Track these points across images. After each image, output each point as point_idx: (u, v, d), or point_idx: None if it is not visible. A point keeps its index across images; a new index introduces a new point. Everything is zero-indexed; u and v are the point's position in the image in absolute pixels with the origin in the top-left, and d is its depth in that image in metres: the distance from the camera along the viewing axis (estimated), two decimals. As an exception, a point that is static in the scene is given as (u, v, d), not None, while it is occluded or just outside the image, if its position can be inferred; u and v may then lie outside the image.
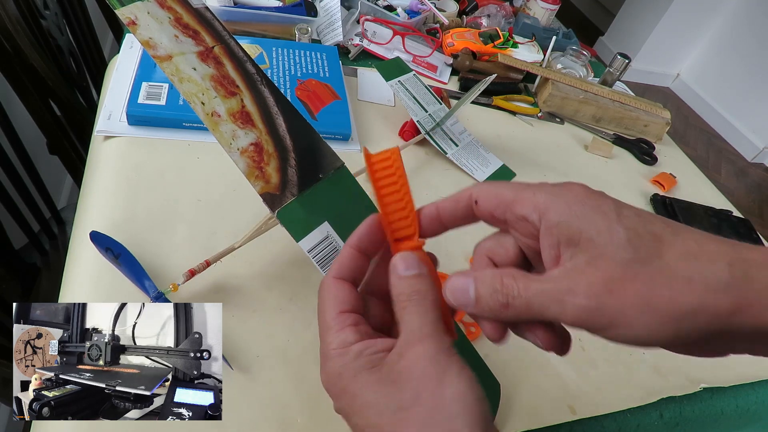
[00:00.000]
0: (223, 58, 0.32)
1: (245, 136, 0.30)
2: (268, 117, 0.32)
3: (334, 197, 0.32)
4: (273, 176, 0.29)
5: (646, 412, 0.46)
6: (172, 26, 0.31)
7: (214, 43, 0.33)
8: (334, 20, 0.77)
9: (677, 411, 0.47)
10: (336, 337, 0.25)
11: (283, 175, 0.30)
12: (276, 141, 0.31)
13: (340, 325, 0.25)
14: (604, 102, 0.81)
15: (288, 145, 0.31)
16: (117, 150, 0.53)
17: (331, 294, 0.26)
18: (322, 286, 0.27)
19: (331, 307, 0.26)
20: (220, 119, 0.30)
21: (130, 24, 0.30)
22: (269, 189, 0.29)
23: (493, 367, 0.45)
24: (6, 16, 0.65)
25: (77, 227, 0.48)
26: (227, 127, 0.30)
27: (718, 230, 0.66)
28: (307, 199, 0.30)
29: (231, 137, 0.29)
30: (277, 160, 0.30)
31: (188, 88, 0.30)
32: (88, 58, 0.97)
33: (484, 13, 0.98)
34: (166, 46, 0.30)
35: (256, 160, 0.29)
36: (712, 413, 0.48)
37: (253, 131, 0.30)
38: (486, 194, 0.25)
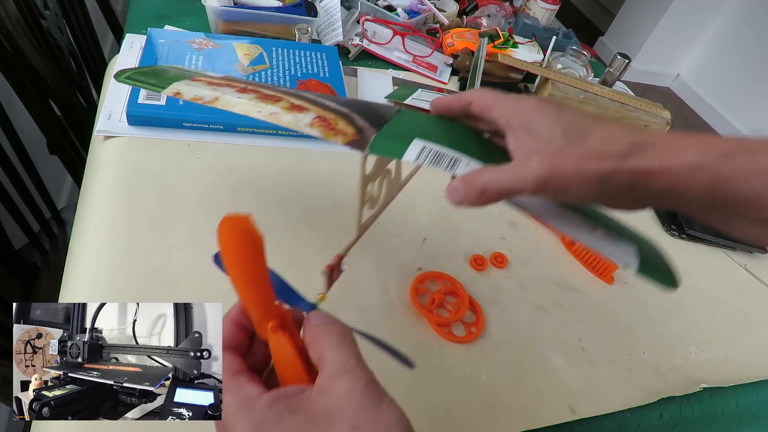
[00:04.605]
0: (257, 88, 0.38)
1: (306, 117, 0.33)
2: (317, 103, 0.35)
3: (409, 124, 0.35)
4: (347, 129, 0.32)
5: (646, 412, 0.46)
6: (208, 85, 0.39)
7: (245, 84, 0.40)
8: (334, 20, 0.77)
9: (677, 411, 0.47)
10: (239, 394, 0.24)
11: (355, 125, 0.32)
12: (334, 112, 0.34)
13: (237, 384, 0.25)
14: (604, 102, 0.81)
15: (346, 111, 0.34)
16: (117, 150, 0.53)
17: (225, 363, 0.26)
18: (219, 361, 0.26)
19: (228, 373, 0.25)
20: (278, 115, 0.33)
21: (176, 95, 0.38)
22: (349, 138, 0.31)
23: (493, 367, 0.45)
24: (6, 16, 0.65)
25: (77, 227, 0.48)
26: (288, 117, 0.33)
27: (718, 230, 0.66)
28: (386, 132, 0.32)
29: (295, 121, 0.33)
30: (344, 119, 0.33)
31: (241, 109, 0.35)
32: (88, 58, 0.97)
33: (484, 13, 0.98)
34: (208, 94, 0.37)
35: (325, 125, 0.32)
36: (712, 413, 0.48)
37: (310, 112, 0.33)
38: (477, 99, 0.34)
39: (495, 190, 0.30)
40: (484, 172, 0.30)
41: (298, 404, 0.23)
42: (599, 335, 0.50)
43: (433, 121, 0.37)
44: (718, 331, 0.55)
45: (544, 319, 0.50)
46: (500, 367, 0.45)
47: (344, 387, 0.23)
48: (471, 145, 0.34)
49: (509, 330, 0.48)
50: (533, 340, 0.48)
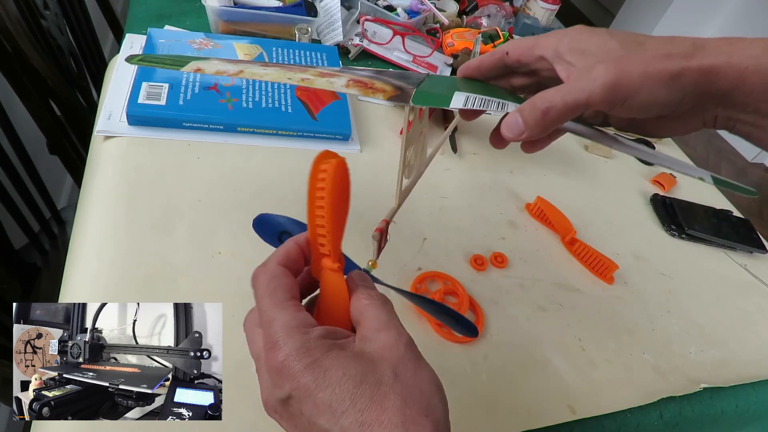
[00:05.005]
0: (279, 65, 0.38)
1: (339, 80, 0.32)
2: (347, 71, 0.35)
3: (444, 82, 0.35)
4: (385, 86, 0.32)
5: (646, 412, 0.46)
6: (228, 62, 0.38)
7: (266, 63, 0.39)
8: (334, 20, 0.77)
9: (677, 411, 0.47)
10: (296, 317, 0.24)
11: (392, 84, 0.32)
12: (367, 77, 0.34)
13: (297, 308, 0.25)
14: (604, 102, 0.81)
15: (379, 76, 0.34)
16: (117, 150, 0.53)
17: (282, 280, 0.26)
18: (266, 271, 0.26)
19: (284, 290, 0.25)
20: (311, 80, 0.33)
21: (197, 70, 0.36)
22: (390, 94, 0.31)
23: (493, 367, 0.45)
24: (6, 16, 0.65)
25: (77, 227, 0.48)
26: (321, 81, 0.32)
27: (718, 230, 0.66)
28: (426, 87, 0.32)
29: (329, 84, 0.32)
30: (379, 81, 0.33)
31: (270, 77, 0.34)
32: (88, 58, 0.97)
33: (484, 13, 0.98)
34: (232, 68, 0.36)
35: (362, 84, 0.32)
36: (712, 413, 0.48)
37: (342, 77, 0.33)
38: (514, 46, 0.33)
39: (560, 107, 0.28)
40: (545, 93, 0.29)
41: (345, 344, 0.24)
42: (599, 335, 0.50)
43: (464, 81, 0.37)
44: (718, 331, 0.55)
45: (544, 319, 0.50)
46: (500, 367, 0.45)
47: (388, 339, 0.24)
48: (508, 97, 0.34)
49: (509, 330, 0.48)
50: (533, 340, 0.48)
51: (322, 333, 0.24)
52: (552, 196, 0.61)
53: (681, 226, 0.65)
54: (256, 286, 0.26)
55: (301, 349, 0.23)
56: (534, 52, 0.32)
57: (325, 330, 0.24)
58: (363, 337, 0.24)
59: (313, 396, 0.22)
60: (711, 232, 0.65)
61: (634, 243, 0.62)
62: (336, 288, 0.27)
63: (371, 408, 0.21)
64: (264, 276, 0.26)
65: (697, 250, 0.65)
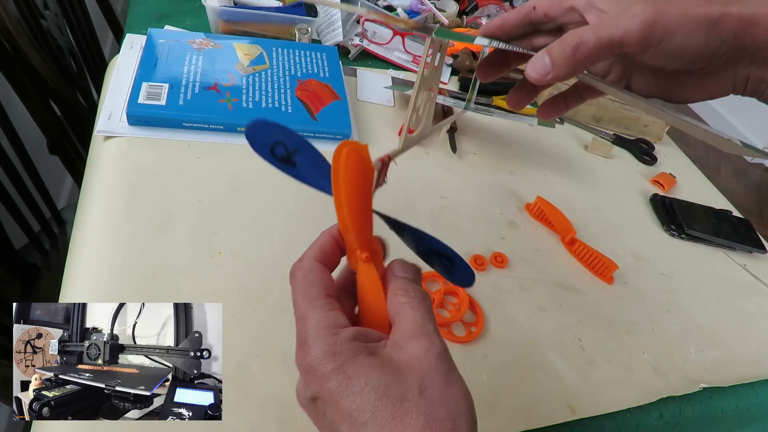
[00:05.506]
0: None
1: None
2: None
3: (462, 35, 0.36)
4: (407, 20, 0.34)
5: (646, 412, 0.46)
6: None
7: None
8: (334, 20, 0.77)
9: (677, 411, 0.47)
10: (327, 316, 0.23)
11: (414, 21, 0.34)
12: None
13: (329, 306, 0.24)
14: (604, 102, 0.81)
15: None
16: (117, 150, 0.53)
17: (317, 276, 0.25)
18: (302, 267, 0.26)
19: (318, 287, 0.25)
20: None
21: None
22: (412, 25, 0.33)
23: (493, 367, 0.45)
24: (6, 16, 0.65)
25: (77, 227, 0.48)
26: None
27: (718, 230, 0.66)
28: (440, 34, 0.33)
29: None
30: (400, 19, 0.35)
31: None
32: (88, 58, 0.97)
33: (484, 13, 0.98)
34: None
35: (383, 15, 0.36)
36: (712, 413, 0.48)
37: None
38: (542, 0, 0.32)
39: (592, 44, 0.27)
40: (576, 30, 0.28)
41: (375, 349, 0.23)
42: (599, 335, 0.50)
43: None
44: (718, 331, 0.55)
45: (544, 319, 0.50)
46: (500, 367, 0.45)
47: (419, 349, 0.23)
48: None
49: (509, 330, 0.48)
50: (533, 340, 0.48)
51: (351, 335, 0.23)
52: (552, 196, 0.61)
53: (681, 226, 0.65)
54: (292, 283, 0.25)
55: (327, 351, 0.22)
56: (564, 4, 0.31)
57: (356, 332, 0.23)
58: (394, 343, 0.23)
59: (336, 402, 0.22)
60: (711, 232, 0.65)
61: (634, 243, 0.62)
62: (369, 280, 0.26)
63: (391, 424, 0.20)
64: (299, 272, 0.25)
65: (696, 250, 0.65)
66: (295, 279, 0.25)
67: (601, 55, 0.28)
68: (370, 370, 0.22)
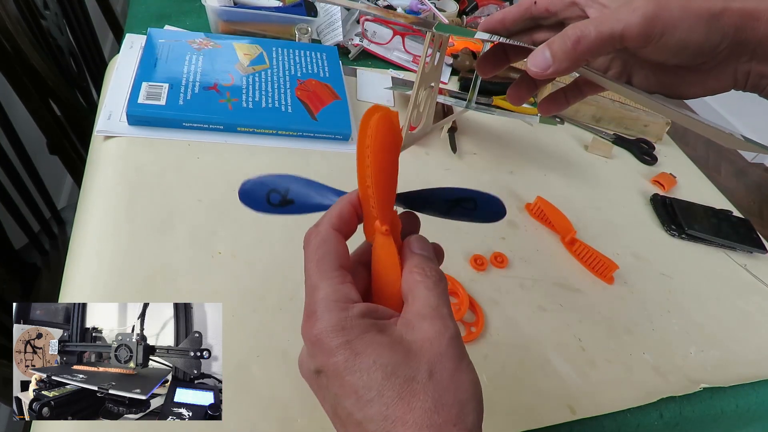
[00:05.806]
0: None
1: None
2: None
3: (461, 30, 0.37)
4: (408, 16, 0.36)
5: (646, 412, 0.46)
6: None
7: None
8: (334, 20, 0.77)
9: (677, 411, 0.47)
10: (338, 290, 0.23)
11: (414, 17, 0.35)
12: None
13: (341, 279, 0.23)
14: (604, 102, 0.81)
15: None
16: (117, 150, 0.53)
17: (331, 245, 0.24)
18: (318, 234, 0.25)
19: (332, 258, 0.24)
20: None
21: None
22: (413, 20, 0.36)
23: (493, 367, 0.45)
24: (6, 16, 0.65)
25: (77, 227, 0.48)
26: None
27: (718, 230, 0.66)
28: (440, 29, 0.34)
29: None
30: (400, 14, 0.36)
31: None
32: (88, 58, 0.97)
33: (484, 13, 0.98)
34: None
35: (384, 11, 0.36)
36: (712, 413, 0.48)
37: None
38: None
39: (593, 37, 0.27)
40: (578, 23, 0.28)
41: (385, 327, 0.23)
42: (599, 335, 0.50)
43: None
44: (718, 331, 0.55)
45: (544, 319, 0.50)
46: (500, 367, 0.45)
47: (432, 330, 0.22)
48: None
49: (509, 330, 0.48)
50: (533, 340, 0.48)
51: (362, 311, 0.22)
52: (552, 196, 0.61)
53: (681, 226, 0.65)
54: (306, 250, 0.25)
55: (337, 326, 0.22)
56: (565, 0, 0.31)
57: (366, 308, 0.23)
58: (406, 322, 0.23)
59: (341, 377, 0.21)
60: (711, 232, 0.65)
61: (634, 243, 0.62)
62: (386, 254, 0.25)
63: (398, 404, 0.20)
64: (315, 239, 0.25)
65: (697, 250, 0.65)
66: (309, 246, 0.25)
67: (602, 48, 0.28)
68: (379, 349, 0.21)
